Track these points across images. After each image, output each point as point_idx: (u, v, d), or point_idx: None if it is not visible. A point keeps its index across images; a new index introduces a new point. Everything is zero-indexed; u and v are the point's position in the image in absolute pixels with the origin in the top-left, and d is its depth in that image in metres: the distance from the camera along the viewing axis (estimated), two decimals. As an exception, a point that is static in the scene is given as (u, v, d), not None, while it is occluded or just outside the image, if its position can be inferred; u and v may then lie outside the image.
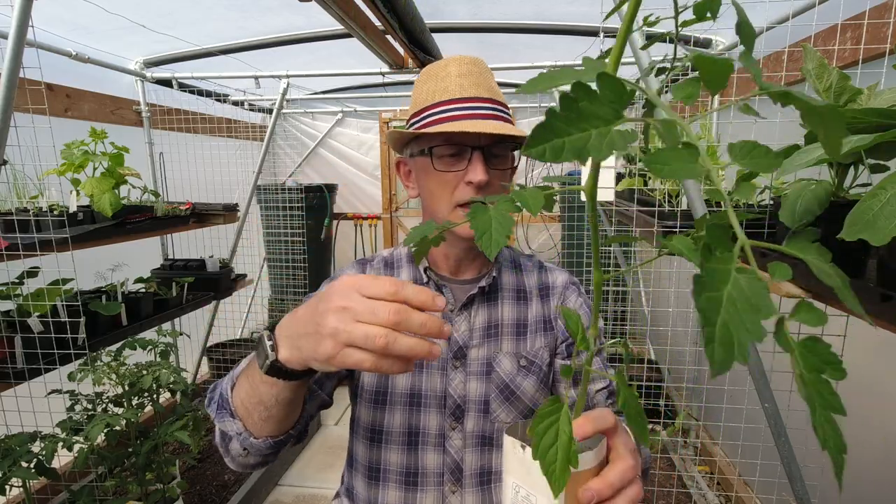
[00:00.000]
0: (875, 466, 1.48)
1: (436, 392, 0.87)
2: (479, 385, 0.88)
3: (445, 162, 0.83)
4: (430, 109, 0.85)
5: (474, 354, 0.89)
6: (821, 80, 0.99)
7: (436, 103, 0.84)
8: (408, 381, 0.88)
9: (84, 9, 1.94)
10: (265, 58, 2.79)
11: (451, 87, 0.84)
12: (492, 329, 0.91)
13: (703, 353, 0.85)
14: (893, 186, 0.69)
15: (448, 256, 0.92)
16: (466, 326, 0.90)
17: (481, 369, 0.89)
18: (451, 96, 0.83)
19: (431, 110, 0.84)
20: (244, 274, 2.92)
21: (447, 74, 0.85)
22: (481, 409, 0.87)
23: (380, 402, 0.88)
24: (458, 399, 0.87)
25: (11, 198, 1.69)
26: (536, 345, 0.91)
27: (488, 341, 0.90)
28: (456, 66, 0.86)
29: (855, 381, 1.42)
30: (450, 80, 0.85)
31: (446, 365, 0.89)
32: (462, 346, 0.89)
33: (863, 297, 0.88)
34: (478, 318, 0.91)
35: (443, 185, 0.84)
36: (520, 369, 0.89)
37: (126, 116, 2.71)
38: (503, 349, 0.90)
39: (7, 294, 1.58)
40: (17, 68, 1.32)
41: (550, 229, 4.07)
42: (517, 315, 0.93)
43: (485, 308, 0.92)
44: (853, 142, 0.75)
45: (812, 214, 0.99)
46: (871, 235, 0.68)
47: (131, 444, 1.81)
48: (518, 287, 0.95)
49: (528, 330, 0.92)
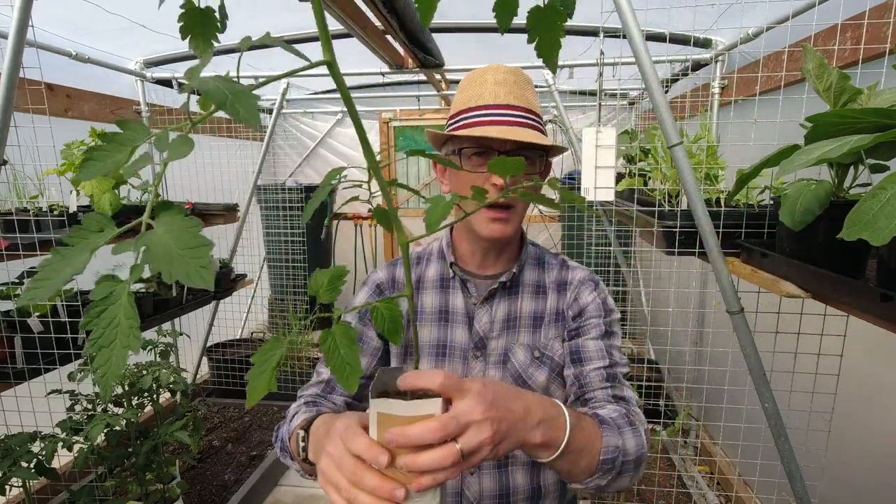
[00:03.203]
0: (875, 466, 1.48)
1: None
2: (497, 373, 0.94)
3: (473, 163, 0.89)
4: (464, 113, 0.90)
5: (494, 345, 0.95)
6: (821, 80, 0.99)
7: (470, 108, 0.90)
8: (433, 367, 0.94)
9: (84, 9, 1.94)
10: (265, 58, 2.79)
11: (485, 93, 0.90)
12: (511, 321, 0.96)
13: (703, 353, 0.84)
14: (893, 186, 0.69)
15: (474, 253, 0.99)
16: (488, 318, 0.96)
17: (499, 359, 0.94)
18: (484, 102, 0.89)
19: (466, 114, 0.90)
20: (244, 274, 2.92)
21: (484, 81, 0.91)
22: None
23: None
24: None
25: (11, 198, 1.69)
26: (550, 335, 0.96)
27: (508, 333, 0.95)
28: (493, 74, 0.91)
29: (855, 380, 1.42)
30: (486, 87, 0.90)
31: (467, 354, 0.95)
32: (483, 336, 0.95)
33: (863, 297, 0.88)
34: (499, 311, 0.96)
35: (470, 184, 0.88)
36: (533, 360, 0.94)
37: (126, 116, 2.71)
38: (520, 340, 0.95)
39: (7, 294, 1.58)
40: (17, 68, 1.32)
41: (550, 229, 4.07)
42: (535, 308, 0.97)
43: (506, 301, 0.97)
44: (853, 142, 0.75)
45: (812, 214, 0.99)
46: (871, 235, 0.68)
47: (131, 444, 1.81)
48: (538, 282, 1.00)
49: (544, 322, 0.97)
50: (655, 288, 3.10)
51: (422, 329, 0.98)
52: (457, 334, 0.96)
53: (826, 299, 1.05)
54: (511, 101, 0.89)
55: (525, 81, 0.92)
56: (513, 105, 0.89)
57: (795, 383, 1.37)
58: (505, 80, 0.91)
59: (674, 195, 1.59)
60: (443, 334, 0.97)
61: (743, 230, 1.35)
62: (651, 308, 3.21)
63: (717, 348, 1.81)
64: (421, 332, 0.97)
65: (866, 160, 0.91)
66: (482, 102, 0.89)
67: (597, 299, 0.96)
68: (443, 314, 0.98)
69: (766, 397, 1.37)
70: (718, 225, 1.34)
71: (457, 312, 0.97)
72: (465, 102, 0.92)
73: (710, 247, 1.33)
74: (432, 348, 0.96)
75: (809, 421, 1.37)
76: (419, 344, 0.96)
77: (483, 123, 0.88)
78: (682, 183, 1.35)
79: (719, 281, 1.36)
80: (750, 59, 2.11)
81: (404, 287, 0.97)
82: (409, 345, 0.97)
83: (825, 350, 1.31)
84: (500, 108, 0.88)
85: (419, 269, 1.03)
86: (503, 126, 0.87)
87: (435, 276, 1.01)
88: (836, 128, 0.81)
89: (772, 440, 1.39)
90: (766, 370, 1.37)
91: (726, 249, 1.34)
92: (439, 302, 0.99)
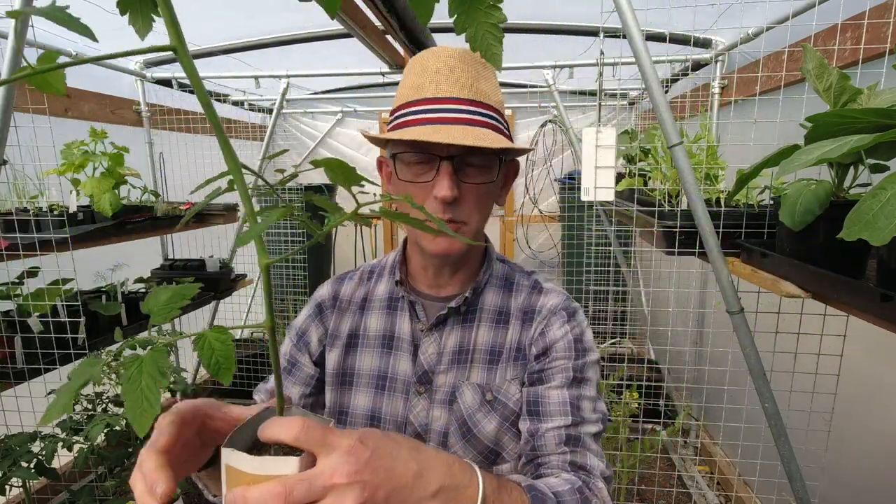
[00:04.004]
0: (875, 466, 1.48)
1: (396, 418, 0.81)
2: (441, 414, 0.79)
3: (412, 171, 0.74)
4: (402, 108, 0.76)
5: (441, 381, 0.80)
6: (821, 80, 0.99)
7: (409, 102, 0.75)
8: (369, 401, 0.82)
9: (84, 9, 1.94)
10: (265, 58, 2.79)
11: (426, 84, 0.74)
12: (462, 354, 0.81)
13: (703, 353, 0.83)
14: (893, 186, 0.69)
15: (426, 269, 0.84)
16: (435, 349, 0.81)
17: (445, 398, 0.80)
18: (423, 95, 0.74)
19: (403, 110, 0.75)
20: (244, 274, 2.92)
21: (425, 69, 0.75)
22: (441, 442, 0.79)
23: (340, 421, 0.84)
24: (418, 427, 0.80)
25: (11, 198, 1.69)
26: (507, 375, 0.80)
27: (457, 367, 0.80)
28: (435, 60, 0.75)
29: (855, 380, 1.42)
30: (426, 75, 0.74)
31: (409, 389, 0.81)
32: (427, 370, 0.81)
33: (863, 297, 0.88)
34: (449, 341, 0.81)
35: (411, 196, 0.75)
36: (483, 404, 0.78)
37: (126, 116, 2.71)
38: (471, 378, 0.80)
39: (7, 294, 1.58)
40: (17, 68, 1.32)
41: (550, 229, 4.07)
42: (492, 340, 0.82)
43: (458, 330, 0.82)
44: (853, 142, 0.75)
45: (812, 214, 0.99)
46: (871, 235, 0.68)
47: (131, 444, 1.81)
48: (500, 308, 0.84)
49: (502, 358, 0.81)
50: (655, 288, 3.10)
51: (363, 355, 0.84)
52: (400, 365, 0.82)
53: (826, 299, 1.05)
54: (456, 92, 0.73)
55: (477, 67, 0.75)
56: (458, 98, 0.73)
57: (795, 383, 1.37)
58: (449, 66, 0.74)
59: (674, 195, 1.59)
60: (384, 364, 0.83)
61: (743, 230, 1.35)
62: (651, 308, 3.21)
63: (717, 348, 1.81)
64: (362, 359, 0.84)
65: (866, 160, 0.91)
66: (422, 95, 0.74)
67: (568, 335, 0.79)
68: (387, 340, 0.84)
69: (766, 397, 1.37)
70: (718, 225, 1.34)
71: (402, 339, 0.83)
72: (405, 96, 0.76)
73: (710, 247, 1.33)
74: (372, 379, 0.83)
75: (809, 421, 1.37)
76: (357, 371, 0.84)
77: (419, 122, 0.72)
78: (682, 183, 1.35)
79: (719, 281, 1.36)
80: (750, 59, 2.11)
81: (349, 305, 0.87)
82: (346, 373, 0.84)
83: (825, 350, 1.31)
84: (442, 101, 0.73)
85: (368, 284, 0.89)
86: (447, 125, 0.71)
87: (383, 295, 0.87)
88: (836, 128, 0.81)
89: (772, 440, 1.39)
90: (766, 370, 1.37)
91: (726, 249, 1.34)
92: (384, 325, 0.85)
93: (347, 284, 0.90)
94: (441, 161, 0.72)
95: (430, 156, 0.72)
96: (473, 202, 0.75)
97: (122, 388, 0.37)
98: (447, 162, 0.71)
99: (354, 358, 0.85)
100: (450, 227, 0.68)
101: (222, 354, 0.43)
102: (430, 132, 0.69)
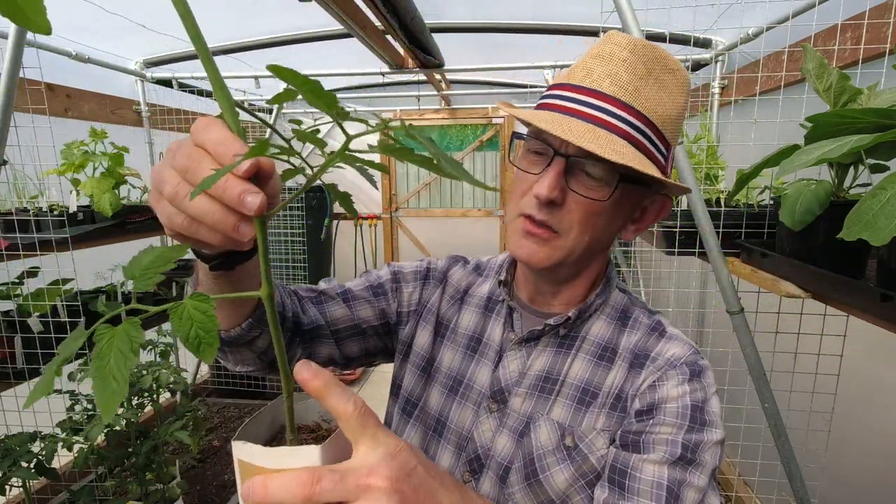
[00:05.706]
0: (875, 466, 1.48)
1: (461, 430, 0.73)
2: (508, 444, 0.69)
3: (528, 159, 0.67)
4: (550, 90, 0.67)
5: (516, 405, 0.70)
6: (821, 80, 0.99)
7: (557, 84, 0.66)
8: (440, 402, 0.76)
9: (84, 9, 1.94)
10: (265, 58, 2.79)
11: (579, 68, 0.64)
12: (549, 383, 0.70)
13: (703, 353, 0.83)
14: (893, 186, 0.69)
15: (526, 279, 0.75)
16: (518, 367, 0.71)
17: (518, 426, 0.69)
18: (571, 80, 0.64)
19: (550, 91, 0.67)
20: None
21: (591, 52, 0.65)
22: (500, 476, 0.68)
23: (406, 412, 0.79)
24: (479, 449, 0.71)
25: (11, 198, 1.69)
26: (597, 425, 0.66)
27: (539, 395, 0.69)
28: (604, 44, 0.64)
29: (855, 380, 1.42)
30: (586, 59, 0.64)
31: (481, 403, 0.72)
32: (503, 388, 0.71)
33: (863, 297, 0.88)
34: (537, 362, 0.71)
35: (517, 181, 0.68)
36: (559, 448, 0.66)
37: (126, 116, 2.71)
38: (552, 413, 0.68)
39: (7, 294, 1.58)
40: (17, 68, 1.32)
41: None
42: (589, 377, 0.69)
43: (551, 353, 0.71)
44: (853, 142, 0.75)
45: (812, 214, 0.99)
46: (871, 235, 0.68)
47: (131, 444, 1.81)
48: (608, 343, 0.71)
49: (597, 402, 0.67)
50: (655, 288, 3.10)
51: (447, 350, 0.78)
52: (480, 373, 0.74)
53: (826, 299, 1.05)
54: (605, 87, 0.61)
55: (651, 66, 0.62)
56: (604, 94, 0.60)
57: (795, 383, 1.37)
58: (612, 55, 0.62)
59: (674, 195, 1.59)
60: (465, 367, 0.75)
61: (743, 230, 1.35)
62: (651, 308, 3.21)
63: (717, 348, 1.80)
64: (445, 353, 0.78)
65: (866, 160, 0.91)
66: (569, 80, 0.64)
67: (686, 398, 0.62)
68: (474, 342, 0.77)
69: (765, 397, 1.37)
70: (718, 225, 1.34)
71: (490, 346, 0.75)
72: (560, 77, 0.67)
73: (710, 247, 1.33)
74: (449, 379, 0.76)
75: (809, 421, 1.37)
76: (437, 365, 0.78)
77: (551, 107, 0.64)
78: (683, 182, 1.35)
79: (719, 281, 1.36)
80: (750, 59, 2.11)
81: (452, 291, 0.82)
82: (431, 361, 0.79)
83: (825, 350, 1.31)
84: (584, 92, 0.61)
85: (474, 278, 0.83)
86: (569, 117, 0.61)
87: (483, 294, 0.80)
88: (836, 128, 0.81)
89: (772, 440, 1.39)
90: (766, 370, 1.37)
91: (726, 249, 1.34)
92: (475, 325, 0.78)
93: (459, 269, 0.84)
94: (555, 156, 0.62)
95: (546, 147, 0.63)
96: (576, 215, 0.63)
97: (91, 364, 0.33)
98: (560, 159, 0.62)
99: (439, 348, 0.79)
100: (539, 231, 0.63)
101: (203, 327, 0.36)
102: (548, 119, 0.60)
